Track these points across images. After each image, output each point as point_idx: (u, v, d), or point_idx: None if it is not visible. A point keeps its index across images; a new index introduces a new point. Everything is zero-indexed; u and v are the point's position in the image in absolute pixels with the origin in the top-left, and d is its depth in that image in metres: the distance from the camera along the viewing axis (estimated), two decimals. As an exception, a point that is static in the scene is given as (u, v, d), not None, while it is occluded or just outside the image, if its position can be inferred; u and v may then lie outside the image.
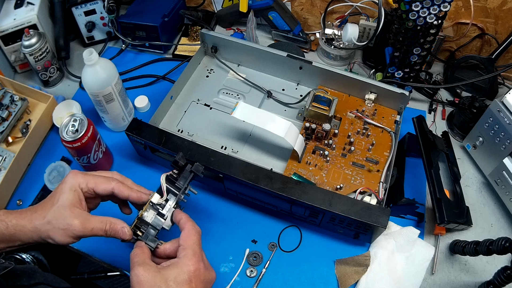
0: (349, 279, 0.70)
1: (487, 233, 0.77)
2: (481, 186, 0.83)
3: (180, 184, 0.62)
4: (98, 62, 0.78)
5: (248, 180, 0.68)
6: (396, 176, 0.77)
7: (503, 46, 0.89)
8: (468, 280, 0.72)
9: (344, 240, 0.76)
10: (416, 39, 0.82)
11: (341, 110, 0.83)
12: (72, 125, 0.77)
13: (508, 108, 0.72)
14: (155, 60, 1.07)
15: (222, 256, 0.74)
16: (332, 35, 1.01)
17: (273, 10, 1.02)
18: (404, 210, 0.77)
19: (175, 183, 0.61)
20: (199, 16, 1.13)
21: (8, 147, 0.86)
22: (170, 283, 0.50)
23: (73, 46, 1.10)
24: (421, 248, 0.72)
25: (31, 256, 0.85)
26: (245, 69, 0.94)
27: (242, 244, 0.75)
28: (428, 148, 0.76)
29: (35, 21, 0.96)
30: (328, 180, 0.74)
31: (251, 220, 0.78)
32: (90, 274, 0.91)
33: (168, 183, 0.61)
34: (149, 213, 0.59)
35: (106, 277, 0.94)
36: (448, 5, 0.76)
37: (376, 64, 1.00)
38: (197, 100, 0.88)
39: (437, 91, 0.97)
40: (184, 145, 0.72)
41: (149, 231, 0.58)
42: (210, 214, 0.79)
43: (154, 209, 0.59)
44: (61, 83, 1.04)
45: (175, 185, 0.61)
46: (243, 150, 0.80)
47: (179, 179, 0.62)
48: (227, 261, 0.73)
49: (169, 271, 0.52)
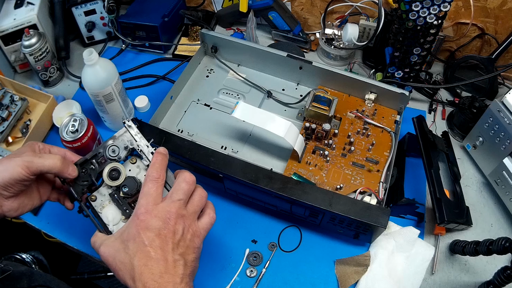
0: (349, 279, 0.70)
1: (487, 233, 0.77)
2: (481, 186, 0.83)
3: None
4: (98, 62, 0.78)
5: (248, 180, 0.68)
6: (396, 176, 0.77)
7: (503, 46, 0.88)
8: (468, 280, 0.72)
9: (344, 240, 0.76)
10: (416, 39, 0.82)
11: (341, 110, 0.83)
12: (72, 125, 0.77)
13: (508, 108, 0.72)
14: (155, 60, 1.07)
15: (222, 256, 0.74)
16: (332, 35, 1.01)
17: (273, 10, 1.02)
18: (404, 210, 0.77)
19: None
20: (199, 16, 1.13)
21: (8, 147, 0.87)
22: (126, 243, 0.49)
23: (73, 46, 1.10)
24: (421, 248, 0.72)
25: (31, 256, 0.85)
26: (245, 69, 0.94)
27: (242, 244, 0.75)
28: (428, 148, 0.76)
29: (35, 21, 0.96)
30: (328, 180, 0.74)
31: (251, 220, 0.78)
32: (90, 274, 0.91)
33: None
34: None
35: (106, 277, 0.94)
36: (448, 5, 0.76)
37: (376, 64, 1.00)
38: (197, 100, 0.88)
39: (437, 91, 0.97)
40: (184, 145, 0.72)
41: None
42: (210, 214, 0.79)
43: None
44: (61, 83, 1.04)
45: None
46: (243, 150, 0.80)
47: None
48: (227, 261, 0.73)
49: (123, 229, 0.51)
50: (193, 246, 0.52)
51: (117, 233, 0.52)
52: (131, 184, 0.57)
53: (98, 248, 0.52)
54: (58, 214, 0.80)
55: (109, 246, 0.51)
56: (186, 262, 0.50)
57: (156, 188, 0.52)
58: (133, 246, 0.49)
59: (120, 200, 0.56)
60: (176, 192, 0.52)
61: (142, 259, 0.47)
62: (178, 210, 0.51)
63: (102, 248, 0.51)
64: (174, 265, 0.48)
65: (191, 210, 0.53)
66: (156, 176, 0.53)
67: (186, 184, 0.53)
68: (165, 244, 0.49)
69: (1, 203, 0.54)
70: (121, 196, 0.57)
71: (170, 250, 0.49)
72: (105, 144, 0.58)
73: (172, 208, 0.50)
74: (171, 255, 0.49)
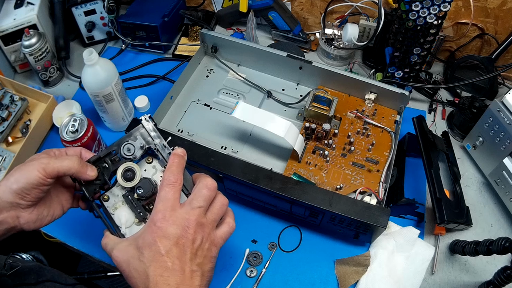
0: (349, 279, 0.70)
1: (487, 233, 0.77)
2: (481, 186, 0.83)
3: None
4: (98, 62, 0.78)
5: (248, 180, 0.68)
6: (396, 176, 0.77)
7: (503, 46, 0.88)
8: (468, 280, 0.72)
9: (344, 240, 0.76)
10: (416, 39, 0.82)
11: (341, 110, 0.83)
12: (72, 125, 0.77)
13: (508, 108, 0.72)
14: (155, 60, 1.07)
15: (222, 256, 0.74)
16: (332, 35, 1.01)
17: (273, 10, 1.02)
18: (404, 210, 0.77)
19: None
20: (199, 16, 1.13)
21: (8, 147, 0.87)
22: (141, 251, 0.47)
23: (73, 46, 1.10)
24: (421, 248, 0.72)
25: (31, 256, 0.85)
26: (245, 69, 0.94)
27: (242, 244, 0.75)
28: (428, 148, 0.76)
29: (35, 21, 0.96)
30: (328, 180, 0.74)
31: (251, 220, 0.78)
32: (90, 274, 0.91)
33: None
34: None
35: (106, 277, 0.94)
36: (448, 5, 0.76)
37: (376, 64, 1.00)
38: (197, 100, 0.88)
39: (437, 91, 0.97)
40: (184, 145, 0.71)
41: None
42: (210, 214, 0.79)
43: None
44: (61, 83, 1.04)
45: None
46: (243, 150, 0.80)
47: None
48: (227, 261, 0.73)
49: (138, 234, 0.49)
50: (210, 256, 0.49)
51: (131, 238, 0.49)
52: (146, 186, 0.53)
53: (110, 252, 0.49)
54: (58, 214, 0.80)
55: (122, 252, 0.48)
56: (203, 273, 0.48)
57: (174, 193, 0.49)
58: (149, 254, 0.46)
59: (134, 202, 0.54)
60: (197, 199, 0.49)
61: (158, 269, 0.45)
62: (198, 218, 0.48)
63: (115, 252, 0.49)
64: (191, 276, 0.46)
65: (211, 218, 0.50)
66: (173, 180, 0.50)
67: (208, 191, 0.50)
68: (183, 254, 0.46)
69: (18, 214, 0.51)
70: (135, 198, 0.54)
71: (188, 260, 0.47)
72: (120, 141, 0.55)
73: (192, 216, 0.48)
74: (188, 265, 0.46)
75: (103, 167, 0.55)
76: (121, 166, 0.54)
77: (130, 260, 0.47)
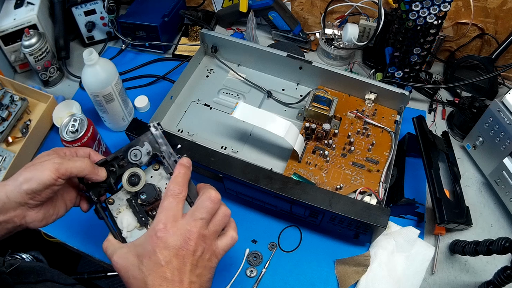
0: (349, 279, 0.70)
1: (487, 233, 0.77)
2: (481, 186, 0.83)
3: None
4: (98, 62, 0.78)
5: (248, 180, 0.68)
6: (396, 176, 0.77)
7: (503, 46, 0.88)
8: (468, 280, 0.72)
9: (344, 240, 0.76)
10: (416, 39, 0.82)
11: (341, 110, 0.83)
12: (72, 125, 0.77)
13: (508, 108, 0.72)
14: (155, 60, 1.07)
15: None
16: (332, 35, 1.01)
17: (273, 10, 1.02)
18: (404, 210, 0.77)
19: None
20: (199, 16, 1.13)
21: (8, 147, 0.87)
22: (141, 259, 0.47)
23: (73, 46, 1.10)
24: (421, 248, 0.72)
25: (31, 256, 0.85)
26: (245, 69, 0.93)
27: (242, 244, 0.75)
28: (428, 148, 0.76)
29: (35, 21, 0.96)
30: (328, 180, 0.74)
31: (251, 220, 0.78)
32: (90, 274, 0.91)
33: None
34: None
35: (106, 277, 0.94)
36: (448, 5, 0.76)
37: (376, 64, 1.00)
38: (197, 100, 0.88)
39: (437, 91, 0.97)
40: (184, 145, 0.72)
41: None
42: (210, 214, 0.79)
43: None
44: (61, 83, 1.04)
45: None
46: (243, 150, 0.80)
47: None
48: (227, 261, 0.73)
49: (139, 242, 0.48)
50: (210, 266, 0.49)
51: (131, 245, 0.49)
52: (150, 192, 0.54)
53: (110, 256, 0.49)
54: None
55: (122, 258, 0.48)
56: (202, 284, 0.48)
57: (177, 204, 0.49)
58: (148, 264, 0.46)
59: (137, 207, 0.54)
60: (199, 210, 0.49)
61: (156, 279, 0.45)
62: (199, 229, 0.48)
63: (115, 257, 0.48)
64: (189, 287, 0.46)
65: (213, 230, 0.50)
66: (177, 191, 0.50)
67: (211, 203, 0.49)
68: (183, 265, 0.46)
69: (25, 213, 0.51)
70: (138, 202, 0.54)
71: (188, 271, 0.46)
72: (128, 147, 0.56)
73: (194, 228, 0.47)
74: (187, 276, 0.46)
75: (109, 170, 0.56)
76: (128, 170, 0.55)
77: (130, 267, 0.47)
